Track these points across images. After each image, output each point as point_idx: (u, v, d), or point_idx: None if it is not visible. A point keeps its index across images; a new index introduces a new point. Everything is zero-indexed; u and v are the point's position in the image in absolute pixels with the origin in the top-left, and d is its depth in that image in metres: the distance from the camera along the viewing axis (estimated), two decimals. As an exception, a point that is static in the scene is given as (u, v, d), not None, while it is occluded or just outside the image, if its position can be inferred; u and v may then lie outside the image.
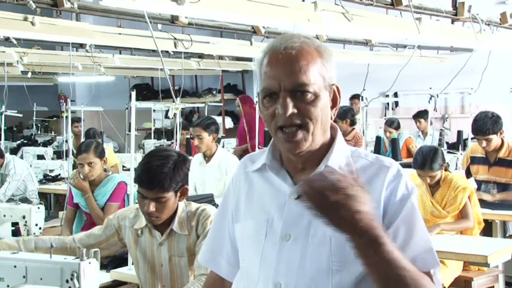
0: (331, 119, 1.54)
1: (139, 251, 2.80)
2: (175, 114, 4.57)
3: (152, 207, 2.60)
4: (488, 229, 4.72)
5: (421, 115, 8.27)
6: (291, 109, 1.45)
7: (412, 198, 1.51)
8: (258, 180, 1.62)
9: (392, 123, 7.94)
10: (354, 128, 7.23)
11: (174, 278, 2.75)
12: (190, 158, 6.97)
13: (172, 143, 6.92)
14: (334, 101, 1.54)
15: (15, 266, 2.27)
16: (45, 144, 9.78)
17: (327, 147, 1.55)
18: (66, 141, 6.88)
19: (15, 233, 3.95)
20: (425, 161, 4.09)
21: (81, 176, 4.31)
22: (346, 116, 7.00)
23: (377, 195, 1.49)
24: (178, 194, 2.68)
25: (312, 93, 1.47)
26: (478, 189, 5.10)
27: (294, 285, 1.49)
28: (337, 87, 1.55)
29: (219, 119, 9.87)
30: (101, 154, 4.32)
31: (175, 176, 2.61)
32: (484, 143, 4.93)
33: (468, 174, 5.24)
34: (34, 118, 10.69)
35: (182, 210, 2.74)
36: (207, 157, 5.10)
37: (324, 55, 1.51)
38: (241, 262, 1.63)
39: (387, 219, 1.48)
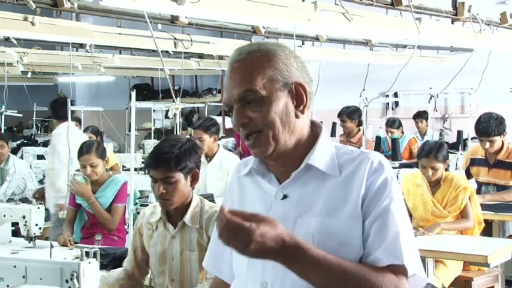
0: (298, 117, 1.53)
1: (153, 245, 2.84)
2: (175, 114, 4.57)
3: (162, 188, 2.66)
4: (488, 229, 4.72)
5: (421, 115, 8.26)
6: (241, 121, 1.49)
7: (392, 189, 1.50)
8: (249, 184, 1.65)
9: (393, 124, 7.93)
10: (359, 129, 7.22)
11: (183, 271, 2.78)
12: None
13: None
14: (299, 99, 1.53)
15: (15, 266, 2.28)
16: (45, 144, 9.73)
17: (309, 145, 1.55)
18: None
19: (15, 233, 3.96)
20: (431, 149, 4.11)
21: (82, 180, 4.29)
22: (354, 115, 7.00)
23: (358, 185, 1.49)
24: (189, 177, 2.73)
25: (261, 99, 1.48)
26: (479, 190, 5.10)
27: (279, 284, 1.51)
28: (300, 84, 1.53)
29: (219, 119, 9.88)
30: (102, 154, 4.32)
31: (181, 156, 2.67)
32: (488, 145, 4.93)
33: (468, 175, 5.25)
34: (34, 118, 10.70)
35: (197, 204, 2.80)
36: (209, 157, 5.12)
37: (274, 58, 1.51)
38: (234, 265, 1.66)
39: (364, 210, 1.49)
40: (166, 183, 2.67)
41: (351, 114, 6.98)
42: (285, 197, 1.54)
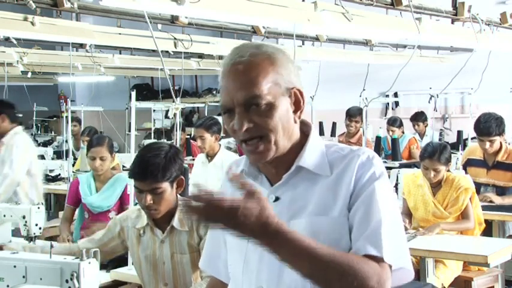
0: (296, 122, 1.54)
1: (142, 251, 2.82)
2: (175, 114, 4.58)
3: (149, 199, 2.63)
4: (488, 229, 4.72)
5: (418, 118, 8.25)
6: (245, 125, 1.46)
7: (378, 182, 1.49)
8: None
9: (395, 122, 7.94)
10: (358, 130, 7.26)
11: (176, 275, 2.76)
12: (191, 158, 6.99)
13: (172, 143, 6.92)
14: (297, 104, 1.53)
15: (15, 266, 2.27)
16: (45, 144, 9.77)
17: (299, 145, 1.56)
18: (66, 141, 6.87)
19: (15, 233, 3.95)
20: (435, 151, 4.10)
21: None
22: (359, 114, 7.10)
23: (348, 181, 1.50)
24: (175, 185, 2.70)
25: (266, 104, 1.47)
26: (477, 191, 5.09)
27: None
28: (299, 90, 1.53)
29: (219, 119, 9.88)
30: (111, 149, 4.38)
31: (167, 166, 2.64)
32: (488, 145, 4.92)
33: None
34: (34, 118, 10.68)
35: None
36: (210, 157, 5.12)
37: (277, 62, 1.50)
38: (229, 267, 1.66)
39: (352, 200, 1.49)
40: (153, 193, 2.63)
41: (355, 113, 7.09)
42: (277, 199, 1.54)
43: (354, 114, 7.29)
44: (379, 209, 1.46)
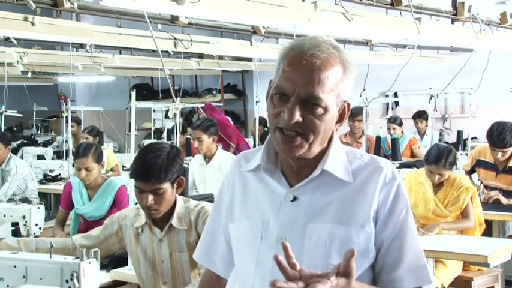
0: (332, 132, 1.54)
1: (140, 249, 2.82)
2: (175, 114, 4.58)
3: (151, 200, 2.63)
4: (488, 229, 4.71)
5: (421, 116, 8.26)
6: (296, 118, 1.44)
7: (406, 207, 1.52)
8: (253, 180, 1.61)
9: (396, 120, 7.93)
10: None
11: (175, 274, 2.77)
12: (190, 158, 6.99)
13: (172, 143, 6.93)
14: (341, 117, 1.53)
15: (15, 266, 2.28)
16: (45, 144, 9.75)
17: (323, 150, 1.55)
18: (66, 141, 6.88)
19: (15, 233, 3.96)
20: (441, 156, 4.05)
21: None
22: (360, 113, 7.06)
23: (370, 197, 1.50)
24: (175, 185, 2.71)
25: (323, 108, 1.46)
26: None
27: None
28: (348, 105, 1.54)
29: (216, 120, 9.86)
30: (98, 159, 4.22)
31: (169, 166, 2.63)
32: (500, 154, 4.91)
33: (470, 173, 5.24)
34: (34, 118, 10.67)
35: (181, 206, 2.77)
36: (207, 158, 5.11)
37: (347, 71, 1.50)
38: (237, 263, 1.64)
39: (378, 229, 1.50)
40: (155, 194, 2.63)
41: (357, 113, 7.08)
42: (294, 199, 1.53)
43: (355, 114, 7.26)
44: (414, 239, 1.53)
